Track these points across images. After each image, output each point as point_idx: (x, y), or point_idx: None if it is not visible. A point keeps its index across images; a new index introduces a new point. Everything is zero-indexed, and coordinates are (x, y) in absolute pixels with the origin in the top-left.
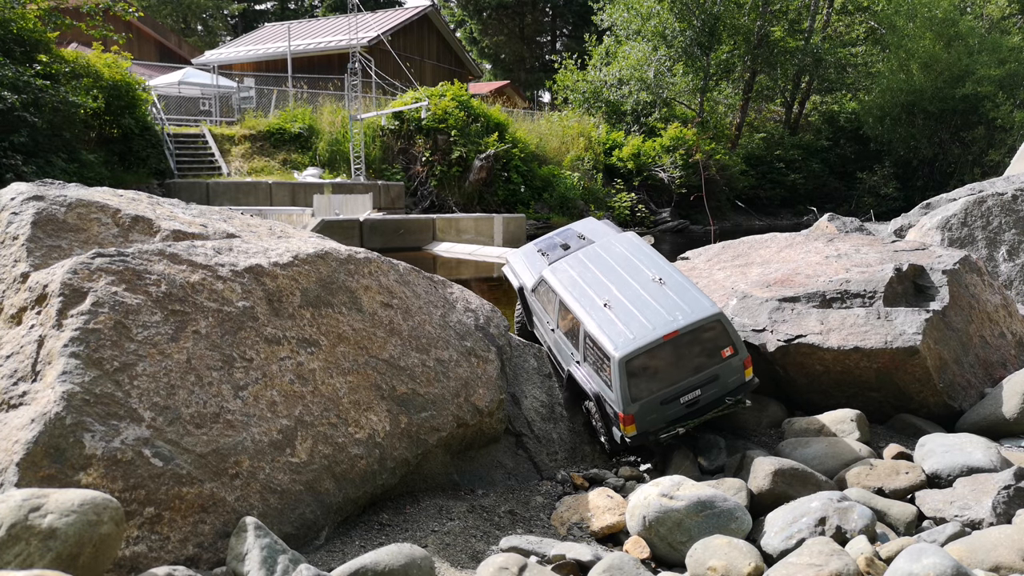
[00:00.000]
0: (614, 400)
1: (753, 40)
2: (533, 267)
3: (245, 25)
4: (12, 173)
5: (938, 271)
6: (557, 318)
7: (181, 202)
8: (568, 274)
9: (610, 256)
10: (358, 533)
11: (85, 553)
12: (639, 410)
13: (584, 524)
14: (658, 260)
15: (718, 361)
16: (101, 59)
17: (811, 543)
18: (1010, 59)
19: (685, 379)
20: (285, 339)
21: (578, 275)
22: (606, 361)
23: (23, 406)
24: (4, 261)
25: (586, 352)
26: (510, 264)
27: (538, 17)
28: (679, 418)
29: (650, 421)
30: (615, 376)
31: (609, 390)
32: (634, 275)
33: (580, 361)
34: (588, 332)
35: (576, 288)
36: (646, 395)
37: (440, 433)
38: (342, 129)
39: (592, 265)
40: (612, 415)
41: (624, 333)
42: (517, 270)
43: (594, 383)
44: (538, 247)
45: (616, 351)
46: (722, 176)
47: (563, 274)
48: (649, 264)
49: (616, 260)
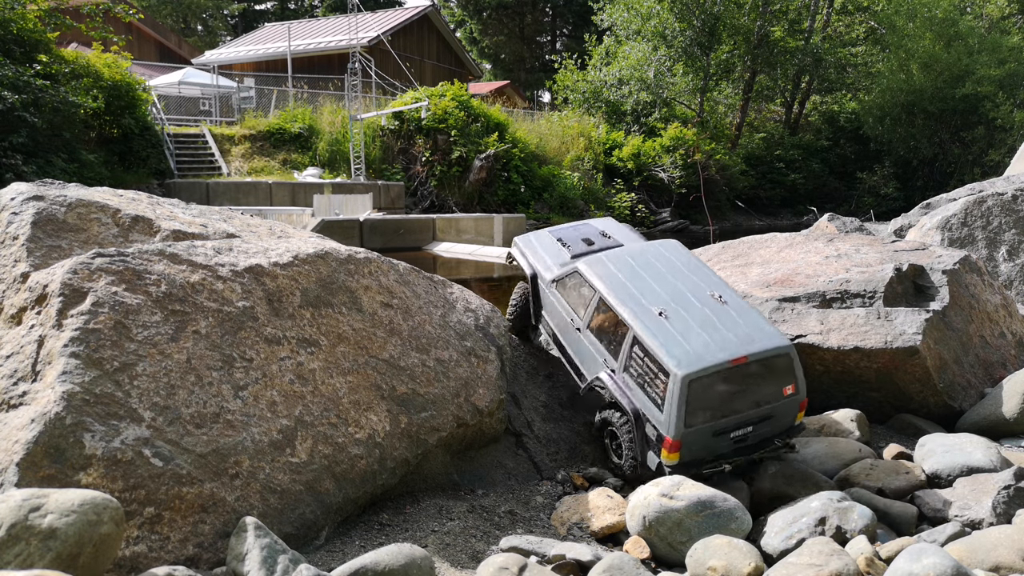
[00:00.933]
0: (662, 422)
1: (753, 40)
2: (553, 256)
3: (245, 25)
4: (12, 173)
5: (938, 271)
6: (590, 317)
7: (181, 202)
8: (610, 271)
9: (659, 262)
10: (358, 533)
11: (85, 553)
12: (688, 438)
13: (584, 524)
14: (713, 275)
15: (779, 398)
16: (101, 59)
17: (811, 543)
18: (1010, 59)
19: (743, 412)
20: (285, 339)
21: (624, 276)
22: (661, 377)
23: (23, 406)
24: (4, 261)
25: (630, 362)
26: (520, 248)
27: (538, 17)
28: (724, 455)
29: (695, 452)
30: (672, 396)
31: (657, 409)
32: (690, 288)
33: (617, 370)
34: (640, 340)
35: (622, 289)
36: (700, 422)
37: (440, 433)
38: (342, 129)
39: (639, 268)
40: (654, 438)
41: (686, 349)
42: (531, 256)
43: (635, 399)
44: (557, 236)
45: (679, 368)
46: (722, 176)
47: (604, 270)
48: (705, 278)
49: (666, 267)
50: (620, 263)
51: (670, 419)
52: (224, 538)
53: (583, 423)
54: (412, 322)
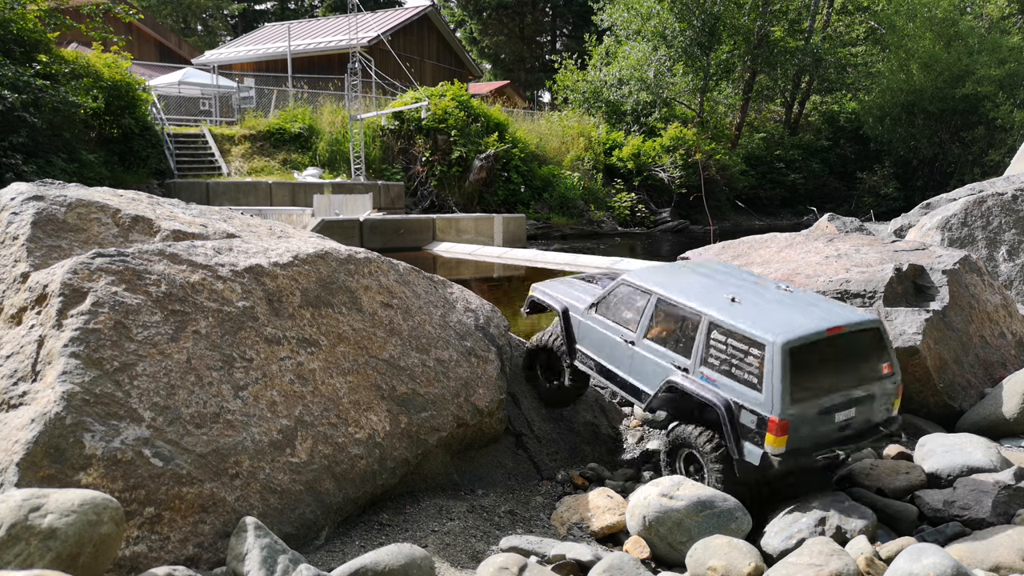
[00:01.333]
0: (763, 402)
1: (753, 40)
2: (583, 290)
3: (245, 25)
4: (12, 173)
5: (938, 271)
6: (646, 324)
7: (181, 202)
8: (661, 277)
9: (708, 268)
10: (358, 533)
11: (85, 553)
12: (796, 418)
13: (584, 524)
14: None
15: (878, 375)
16: (101, 59)
17: (811, 543)
18: (1010, 59)
19: (846, 390)
20: (285, 339)
21: (678, 278)
22: (753, 353)
23: (23, 406)
24: (4, 261)
25: (708, 352)
26: (543, 290)
27: (538, 17)
28: (830, 442)
29: (802, 437)
30: (773, 368)
31: (754, 391)
32: (752, 282)
33: (692, 367)
34: (719, 324)
35: (681, 287)
36: (806, 398)
37: (440, 433)
38: (342, 129)
39: (691, 273)
40: (754, 425)
41: (776, 320)
42: (559, 294)
43: (722, 389)
44: (580, 278)
45: (775, 336)
46: (722, 176)
47: (654, 276)
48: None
49: (718, 271)
50: (669, 271)
51: (773, 395)
52: (224, 538)
53: (583, 423)
54: (412, 322)
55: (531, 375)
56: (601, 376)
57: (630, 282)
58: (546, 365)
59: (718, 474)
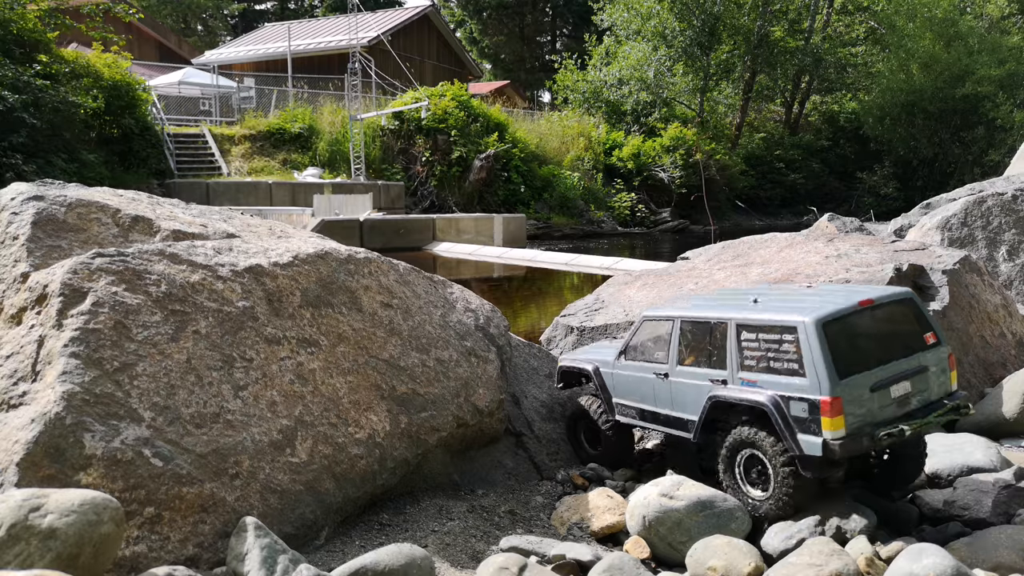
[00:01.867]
0: (809, 385)
1: (753, 40)
2: (605, 349)
3: (245, 25)
4: (12, 173)
5: (938, 271)
6: (676, 351)
7: (181, 202)
8: (679, 302)
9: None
10: (358, 533)
11: (85, 553)
12: (847, 395)
13: (584, 524)
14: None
15: (923, 345)
16: (101, 59)
17: (811, 543)
18: (1010, 59)
19: (892, 361)
20: (285, 339)
21: (694, 300)
22: (787, 339)
23: (23, 406)
24: (4, 261)
25: (742, 355)
26: (570, 358)
27: (538, 17)
28: (891, 420)
29: (860, 416)
30: (811, 347)
31: (798, 378)
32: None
33: (730, 376)
34: (746, 324)
35: (699, 304)
36: (853, 371)
37: (440, 433)
38: (342, 129)
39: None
40: (806, 413)
41: (803, 306)
42: (584, 355)
43: (766, 386)
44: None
45: (806, 315)
46: (722, 176)
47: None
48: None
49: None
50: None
51: (818, 373)
52: (224, 538)
53: None
54: (412, 322)
55: (576, 444)
56: (644, 421)
57: (651, 316)
58: (587, 430)
59: (786, 473)
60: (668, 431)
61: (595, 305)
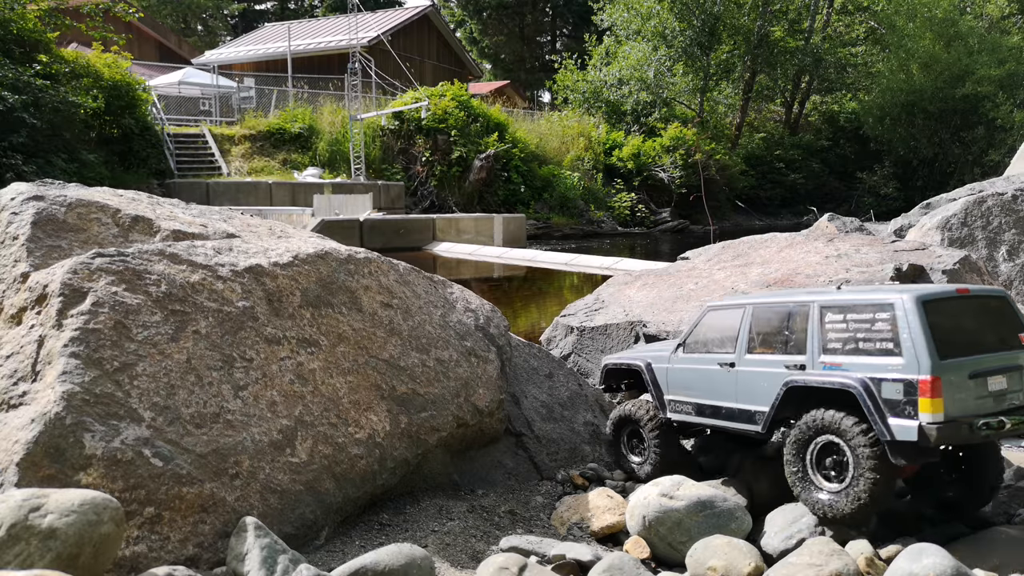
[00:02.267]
0: (906, 364)
1: (753, 40)
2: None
3: (245, 25)
4: (12, 173)
5: (938, 271)
6: (745, 340)
7: (181, 202)
8: (750, 296)
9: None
10: (358, 533)
11: (85, 553)
12: (948, 377)
13: (584, 524)
14: None
15: (1018, 345)
16: (101, 59)
17: (811, 543)
18: (1010, 59)
19: (989, 351)
20: (285, 339)
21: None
22: (881, 317)
23: (23, 406)
24: (4, 261)
25: (825, 339)
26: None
27: (538, 17)
28: (990, 412)
29: (959, 403)
30: (909, 324)
31: (893, 357)
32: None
33: (811, 360)
34: (831, 304)
35: (777, 293)
36: (952, 354)
37: (440, 433)
38: (342, 129)
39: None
40: (901, 395)
41: (900, 289)
42: (629, 354)
43: (855, 368)
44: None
45: (902, 293)
46: (722, 176)
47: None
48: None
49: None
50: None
51: (917, 351)
52: (224, 538)
53: (583, 423)
54: (412, 322)
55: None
56: (701, 416)
57: (717, 305)
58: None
59: (872, 461)
60: (729, 425)
61: (595, 305)
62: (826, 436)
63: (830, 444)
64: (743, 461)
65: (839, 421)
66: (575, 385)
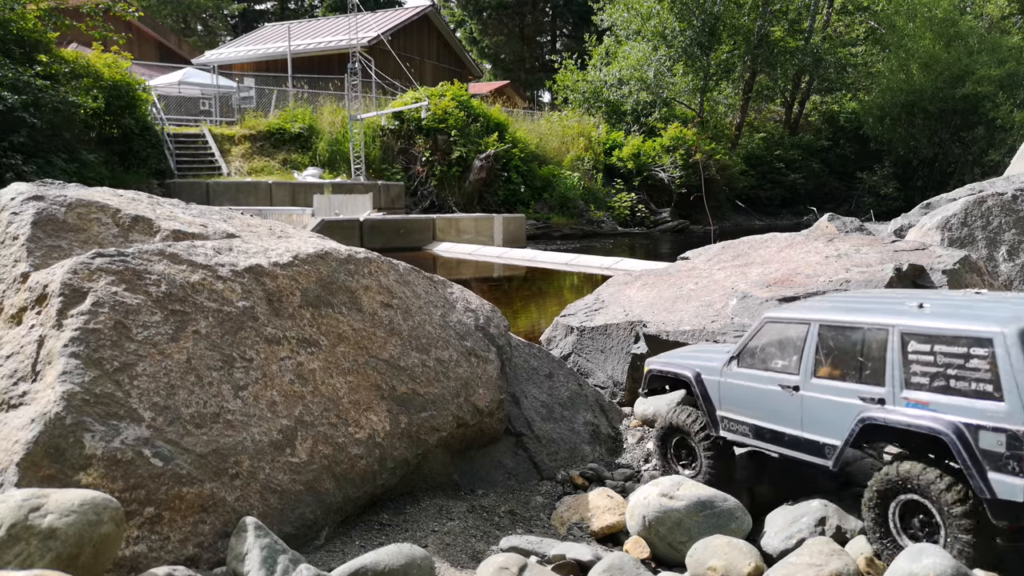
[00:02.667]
0: (1006, 412)
1: (753, 40)
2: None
3: (245, 25)
4: (12, 173)
5: (938, 271)
6: (810, 362)
7: (181, 202)
8: (815, 304)
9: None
10: (358, 533)
11: (85, 553)
12: None
13: (584, 524)
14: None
15: None
16: (101, 59)
17: (811, 543)
18: (1010, 59)
19: None
20: (285, 339)
21: (832, 302)
22: (977, 354)
23: (23, 406)
24: (4, 261)
25: (909, 371)
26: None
27: (538, 17)
28: None
29: None
30: (1011, 366)
31: (991, 401)
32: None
33: (891, 395)
34: (915, 331)
35: (846, 308)
36: None
37: (440, 433)
38: (342, 129)
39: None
40: (1004, 447)
41: (996, 314)
42: (681, 360)
43: (943, 412)
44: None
45: (1003, 326)
46: (722, 176)
47: (808, 305)
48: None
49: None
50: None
51: (1022, 397)
52: (224, 538)
53: (583, 423)
54: (412, 322)
55: (664, 462)
56: (759, 440)
57: (777, 317)
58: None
59: (966, 524)
60: (794, 455)
61: (595, 305)
62: (909, 495)
63: (912, 502)
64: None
65: (924, 477)
66: (575, 385)
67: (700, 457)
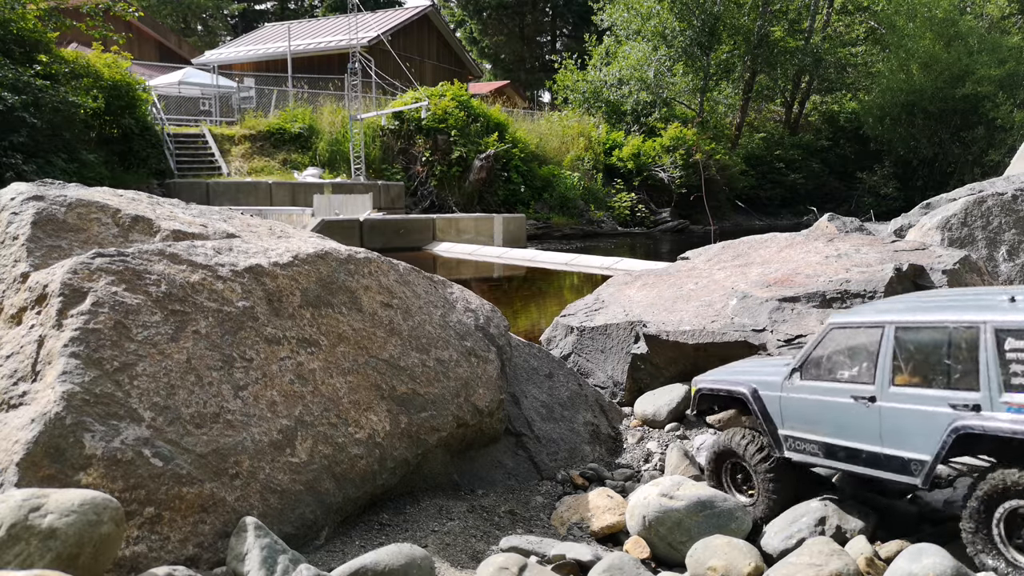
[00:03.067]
0: None
1: (753, 40)
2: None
3: (245, 25)
4: (12, 173)
5: (938, 271)
6: (888, 369)
7: (181, 202)
8: (880, 305)
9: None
10: (358, 533)
11: (85, 553)
12: None
13: (584, 524)
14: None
15: None
16: (101, 59)
17: (811, 543)
18: (1010, 59)
19: None
20: (285, 339)
21: (906, 303)
22: None
23: (23, 406)
24: (4, 261)
25: (1008, 372)
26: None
27: (538, 17)
28: None
29: None
30: None
31: None
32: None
33: (988, 399)
34: (1011, 328)
35: (917, 306)
36: None
37: (440, 433)
38: (342, 129)
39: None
40: None
41: None
42: (733, 376)
43: None
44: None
45: None
46: (722, 176)
47: (878, 307)
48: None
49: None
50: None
51: None
52: (224, 538)
53: (583, 423)
54: (412, 322)
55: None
56: (831, 459)
57: (844, 322)
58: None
59: None
60: (875, 474)
61: (595, 305)
62: (1017, 500)
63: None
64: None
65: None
66: (575, 385)
67: (760, 484)
